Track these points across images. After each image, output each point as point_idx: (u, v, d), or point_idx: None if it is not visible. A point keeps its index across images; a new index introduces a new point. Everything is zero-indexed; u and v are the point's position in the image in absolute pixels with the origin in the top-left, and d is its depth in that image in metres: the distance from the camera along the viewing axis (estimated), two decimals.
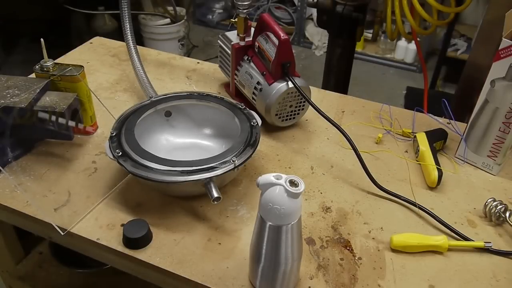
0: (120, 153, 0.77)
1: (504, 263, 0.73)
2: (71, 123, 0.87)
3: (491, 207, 0.79)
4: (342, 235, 0.76)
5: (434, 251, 0.74)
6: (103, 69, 1.21)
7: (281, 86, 0.92)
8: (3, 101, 0.82)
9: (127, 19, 1.04)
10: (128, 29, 1.04)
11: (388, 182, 0.87)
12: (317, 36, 3.32)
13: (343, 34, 1.55)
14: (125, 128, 0.82)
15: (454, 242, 0.75)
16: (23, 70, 1.11)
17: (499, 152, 0.88)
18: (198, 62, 1.27)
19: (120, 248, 0.72)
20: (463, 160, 0.94)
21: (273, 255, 0.60)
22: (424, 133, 0.95)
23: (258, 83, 0.96)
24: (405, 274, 0.70)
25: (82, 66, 0.92)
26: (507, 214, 0.77)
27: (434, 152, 0.90)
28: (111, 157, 0.78)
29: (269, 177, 0.57)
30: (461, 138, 0.93)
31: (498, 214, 0.78)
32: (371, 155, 0.93)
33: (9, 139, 0.87)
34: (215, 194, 0.72)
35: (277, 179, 0.57)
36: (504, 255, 0.74)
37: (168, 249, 0.72)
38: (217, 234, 0.75)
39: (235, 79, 1.04)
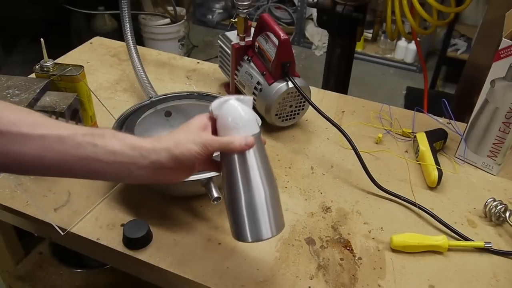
0: None
1: (504, 263, 0.73)
2: (71, 123, 0.87)
3: (491, 207, 0.79)
4: (342, 235, 0.76)
5: (434, 251, 0.74)
6: (103, 69, 1.21)
7: (281, 86, 0.92)
8: None
9: (127, 19, 1.03)
10: (128, 29, 1.04)
11: (388, 182, 0.87)
12: (317, 36, 3.32)
13: (343, 34, 1.55)
14: (125, 128, 0.82)
15: (454, 242, 0.75)
16: (23, 70, 1.11)
17: (499, 152, 0.88)
18: (198, 62, 1.27)
19: (120, 248, 0.72)
20: (463, 160, 0.94)
21: (245, 184, 0.59)
22: (424, 133, 0.95)
23: (258, 83, 0.96)
24: (405, 274, 0.70)
25: (82, 66, 0.92)
26: (507, 214, 0.77)
27: (434, 152, 0.90)
28: None
29: (218, 100, 0.61)
30: (461, 138, 0.93)
31: (498, 214, 0.78)
32: (371, 155, 0.93)
33: None
34: (215, 194, 0.72)
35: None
36: (504, 255, 0.74)
37: (168, 249, 0.72)
38: (217, 234, 0.75)
39: (235, 79, 1.04)
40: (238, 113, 0.60)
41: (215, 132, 0.61)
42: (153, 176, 0.57)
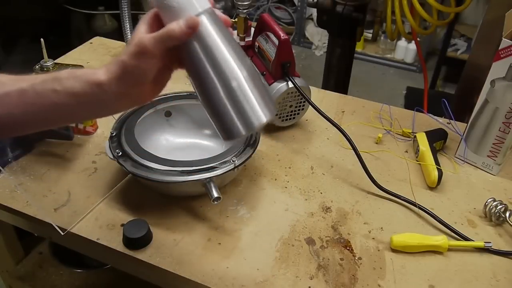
0: (120, 153, 0.77)
1: (504, 263, 0.73)
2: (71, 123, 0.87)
3: (491, 207, 0.79)
4: (342, 235, 0.76)
5: (434, 251, 0.74)
6: None
7: (281, 86, 0.92)
8: None
9: (127, 19, 1.04)
10: (128, 29, 1.04)
11: (388, 182, 0.87)
12: (317, 36, 3.32)
13: (343, 34, 1.55)
14: (125, 128, 0.82)
15: (454, 242, 0.75)
16: (23, 70, 1.11)
17: (499, 152, 0.88)
18: None
19: (120, 248, 0.72)
20: (463, 160, 0.94)
21: (214, 69, 0.51)
22: (424, 133, 0.95)
23: None
24: (405, 274, 0.70)
25: (82, 66, 0.92)
26: (507, 214, 0.77)
27: (434, 152, 0.90)
28: (111, 157, 0.78)
29: None
30: (461, 138, 0.93)
31: (498, 214, 0.78)
32: (371, 155, 0.93)
33: (9, 139, 0.87)
34: (215, 194, 0.72)
35: None
36: (504, 255, 0.74)
37: (168, 249, 0.72)
38: (217, 234, 0.75)
39: None
40: None
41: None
42: (126, 103, 0.55)
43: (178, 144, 0.93)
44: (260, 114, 0.52)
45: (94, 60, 1.24)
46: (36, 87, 0.52)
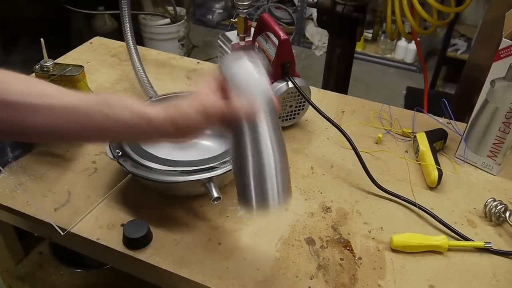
0: (120, 153, 0.77)
1: (504, 263, 0.73)
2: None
3: (491, 207, 0.79)
4: (342, 235, 0.76)
5: (434, 251, 0.74)
6: (103, 69, 1.21)
7: (281, 86, 0.92)
8: None
9: (127, 19, 1.03)
10: (128, 29, 1.04)
11: (388, 182, 0.87)
12: (317, 36, 3.32)
13: (343, 34, 1.55)
14: None
15: (454, 242, 0.75)
16: (23, 70, 1.11)
17: (499, 152, 0.88)
18: (198, 62, 1.26)
19: (120, 248, 0.72)
20: (463, 160, 0.94)
21: (254, 151, 0.56)
22: (424, 133, 0.95)
23: None
24: (405, 274, 0.70)
25: (82, 66, 0.92)
26: (507, 214, 0.77)
27: (434, 152, 0.90)
28: (111, 157, 0.78)
29: (229, 58, 0.57)
30: (461, 138, 0.93)
31: (498, 214, 0.78)
32: (371, 155, 0.93)
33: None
34: (215, 194, 0.72)
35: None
36: (504, 255, 0.74)
37: (168, 249, 0.72)
38: (217, 234, 0.75)
39: None
40: (251, 74, 0.56)
41: (226, 93, 0.58)
42: (166, 139, 0.60)
43: (178, 144, 0.93)
44: (277, 203, 0.57)
45: (94, 60, 1.24)
46: (86, 108, 0.54)
